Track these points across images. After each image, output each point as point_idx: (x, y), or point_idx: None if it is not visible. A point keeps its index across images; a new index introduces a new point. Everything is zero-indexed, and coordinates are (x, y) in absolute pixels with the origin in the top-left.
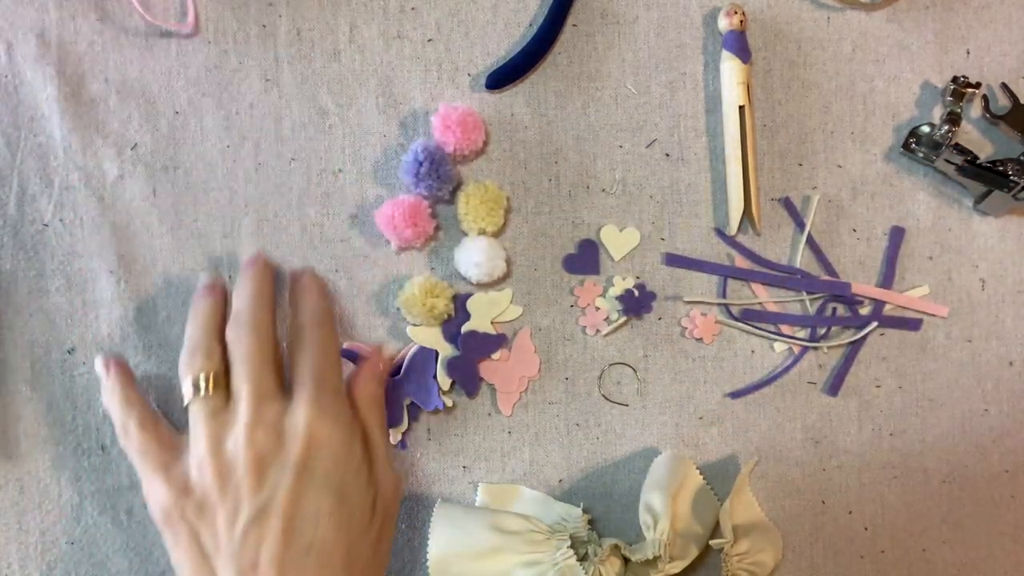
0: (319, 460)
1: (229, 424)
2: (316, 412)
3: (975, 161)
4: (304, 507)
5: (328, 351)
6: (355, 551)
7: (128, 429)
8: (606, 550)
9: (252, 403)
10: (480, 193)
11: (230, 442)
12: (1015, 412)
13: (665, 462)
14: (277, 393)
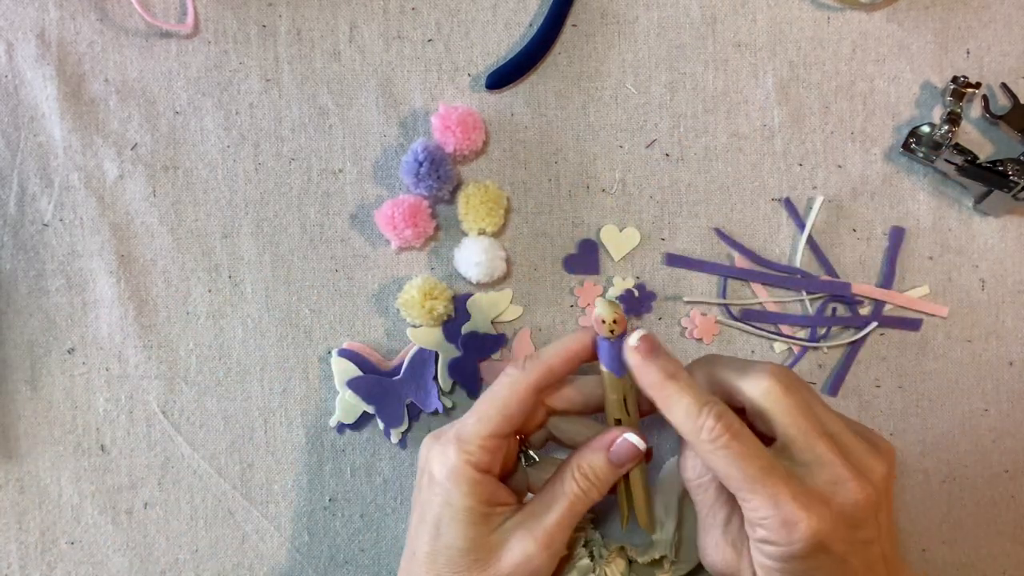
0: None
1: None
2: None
3: (975, 161)
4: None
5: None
6: None
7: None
8: (612, 551)
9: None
10: (480, 193)
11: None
12: (1015, 412)
13: (672, 466)
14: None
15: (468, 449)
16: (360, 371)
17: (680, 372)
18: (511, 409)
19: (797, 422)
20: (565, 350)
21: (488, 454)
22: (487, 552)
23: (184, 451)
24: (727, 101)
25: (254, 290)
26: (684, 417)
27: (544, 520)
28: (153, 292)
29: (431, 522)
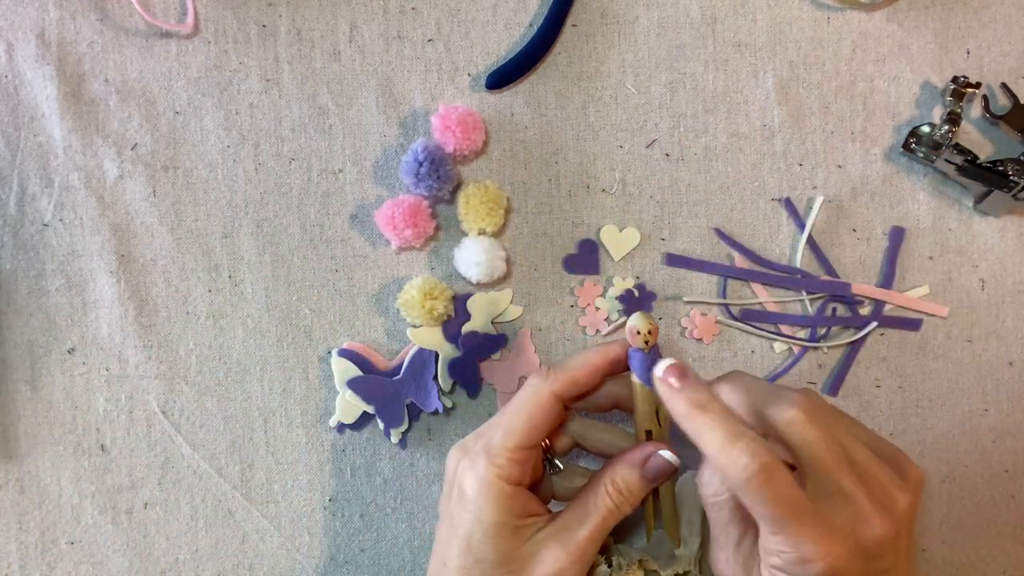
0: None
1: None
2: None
3: (975, 161)
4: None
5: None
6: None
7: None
8: (632, 563)
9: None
10: (480, 193)
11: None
12: (1015, 412)
13: (693, 480)
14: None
15: (498, 463)
16: (360, 371)
17: (712, 402)
18: (536, 420)
19: (821, 455)
20: (591, 362)
21: (518, 466)
22: (519, 564)
23: (184, 451)
24: (727, 101)
25: (254, 290)
26: (717, 450)
27: (576, 533)
28: (153, 292)
29: (462, 535)
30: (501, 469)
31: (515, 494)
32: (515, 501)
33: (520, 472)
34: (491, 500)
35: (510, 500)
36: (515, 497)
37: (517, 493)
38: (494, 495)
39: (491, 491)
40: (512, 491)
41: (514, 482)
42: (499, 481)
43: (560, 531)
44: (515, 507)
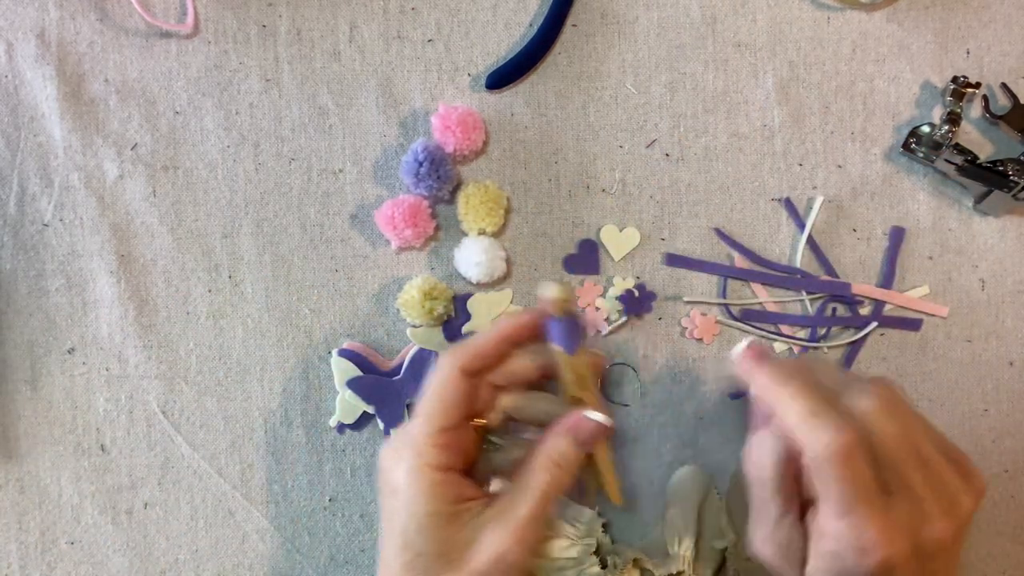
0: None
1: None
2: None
3: (975, 161)
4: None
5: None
6: None
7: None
8: (628, 562)
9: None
10: (480, 193)
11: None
12: (1015, 412)
13: (686, 477)
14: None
15: (421, 451)
16: (360, 371)
17: (795, 377)
18: (448, 400)
19: (894, 450)
20: (497, 333)
21: (443, 451)
22: (460, 552)
23: (184, 451)
24: (727, 101)
25: (254, 290)
26: (799, 421)
27: (515, 513)
28: (153, 292)
29: (399, 531)
30: (425, 457)
31: (445, 481)
32: (447, 488)
33: (447, 457)
34: (421, 490)
35: (441, 487)
36: (446, 484)
37: (447, 479)
38: (423, 485)
39: (419, 481)
40: (441, 478)
41: (442, 468)
42: (427, 469)
43: (499, 513)
44: (448, 494)
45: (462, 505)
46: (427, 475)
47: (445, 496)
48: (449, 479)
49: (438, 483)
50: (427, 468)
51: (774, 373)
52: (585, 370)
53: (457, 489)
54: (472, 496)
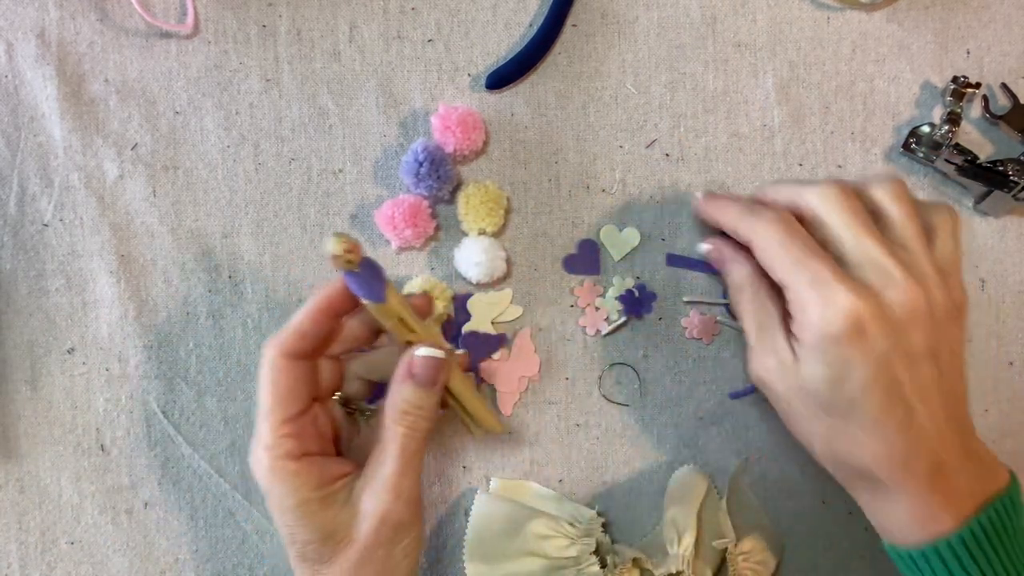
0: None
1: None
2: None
3: (975, 161)
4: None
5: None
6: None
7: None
8: (627, 562)
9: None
10: (480, 193)
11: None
12: (1015, 412)
13: (686, 477)
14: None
15: (269, 445)
16: None
17: (726, 197)
18: (281, 387)
19: (848, 221)
20: (310, 309)
21: (292, 440)
22: (345, 529)
23: (184, 451)
24: (727, 101)
25: (254, 290)
26: (736, 219)
27: (382, 474)
28: (153, 292)
29: (282, 527)
30: (275, 450)
31: (304, 467)
32: (309, 474)
33: (298, 444)
34: (284, 483)
35: (302, 475)
36: (307, 470)
37: (306, 465)
38: (284, 477)
39: (277, 475)
40: (298, 466)
41: (296, 456)
42: (280, 462)
43: (368, 480)
44: (311, 480)
45: (332, 486)
46: (281, 467)
47: (309, 483)
48: (308, 465)
49: (295, 472)
50: (281, 461)
51: (711, 202)
52: (404, 311)
53: (320, 472)
54: (340, 473)
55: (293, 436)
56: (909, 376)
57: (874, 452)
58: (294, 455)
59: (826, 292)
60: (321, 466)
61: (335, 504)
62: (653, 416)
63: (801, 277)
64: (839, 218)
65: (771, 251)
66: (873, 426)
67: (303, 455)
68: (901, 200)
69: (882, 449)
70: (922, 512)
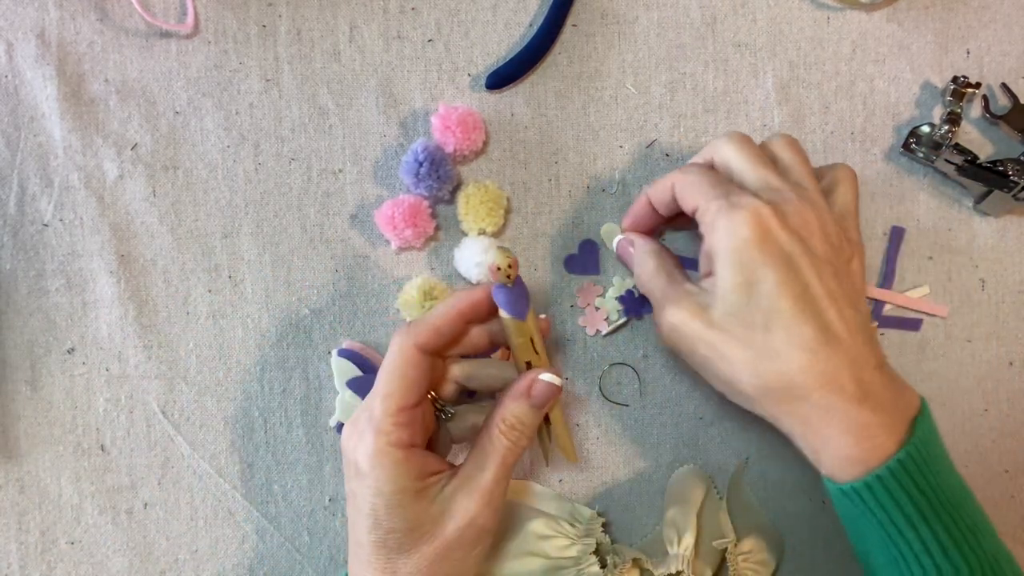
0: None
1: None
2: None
3: (975, 161)
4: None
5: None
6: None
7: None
8: (627, 562)
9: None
10: (480, 193)
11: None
12: (1015, 412)
13: (686, 477)
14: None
15: (384, 430)
16: (360, 371)
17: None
18: (408, 378)
19: (747, 156)
20: (452, 309)
21: (405, 429)
22: (431, 524)
23: (184, 451)
24: (727, 101)
25: (254, 290)
26: (655, 184)
27: (480, 479)
28: (153, 292)
29: (368, 512)
30: (388, 436)
31: (409, 457)
32: (411, 465)
33: (409, 434)
34: (386, 469)
35: (406, 465)
36: (410, 460)
37: (412, 456)
38: (388, 464)
39: (384, 460)
40: (405, 455)
41: (405, 445)
42: (390, 448)
43: (464, 482)
44: (412, 470)
45: (428, 480)
46: (391, 454)
47: (410, 473)
48: (413, 456)
49: (402, 461)
50: (390, 447)
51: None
52: (535, 334)
53: (421, 464)
54: (436, 470)
55: (405, 425)
56: (817, 279)
57: (799, 362)
58: (403, 444)
59: (733, 201)
60: (422, 459)
61: (426, 498)
62: (653, 416)
63: (711, 196)
64: (739, 154)
65: (687, 186)
66: (792, 332)
67: (410, 446)
68: (793, 147)
69: (806, 358)
70: (858, 432)
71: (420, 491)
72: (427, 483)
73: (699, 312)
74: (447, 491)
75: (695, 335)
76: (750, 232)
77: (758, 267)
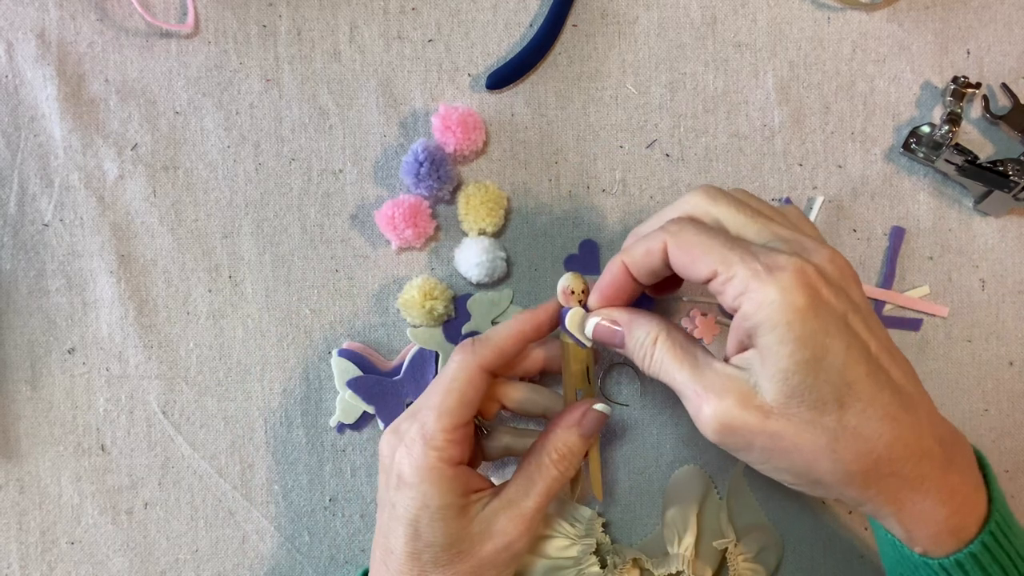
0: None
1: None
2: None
3: (975, 161)
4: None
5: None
6: None
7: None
8: (627, 562)
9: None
10: (480, 193)
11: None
12: (1015, 412)
13: (686, 477)
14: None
15: (436, 446)
16: (360, 371)
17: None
18: (468, 398)
19: (739, 209)
20: (517, 331)
21: (456, 446)
22: (469, 543)
23: (184, 451)
24: (727, 101)
25: (254, 290)
26: (633, 246)
27: (523, 505)
28: (153, 292)
29: (408, 522)
30: (441, 452)
31: (457, 474)
32: (458, 481)
33: (460, 451)
34: (434, 484)
35: (453, 481)
36: (457, 477)
37: (459, 473)
38: (436, 478)
39: (433, 475)
40: (454, 472)
41: (455, 462)
42: (440, 464)
43: (507, 505)
44: (458, 487)
45: (471, 497)
46: (439, 469)
47: (456, 490)
48: (460, 473)
49: (450, 477)
50: (441, 463)
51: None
52: (591, 363)
53: (466, 482)
54: (480, 488)
55: (458, 443)
56: (869, 334)
57: (885, 436)
58: (453, 460)
59: (768, 263)
60: (468, 476)
61: (469, 516)
62: (653, 416)
63: (733, 260)
64: (729, 209)
65: (692, 248)
66: (871, 404)
67: (458, 462)
68: (749, 193)
69: (889, 429)
70: (950, 500)
71: (463, 508)
72: (469, 500)
73: (749, 400)
74: (488, 511)
75: (751, 428)
76: (804, 298)
77: (822, 338)
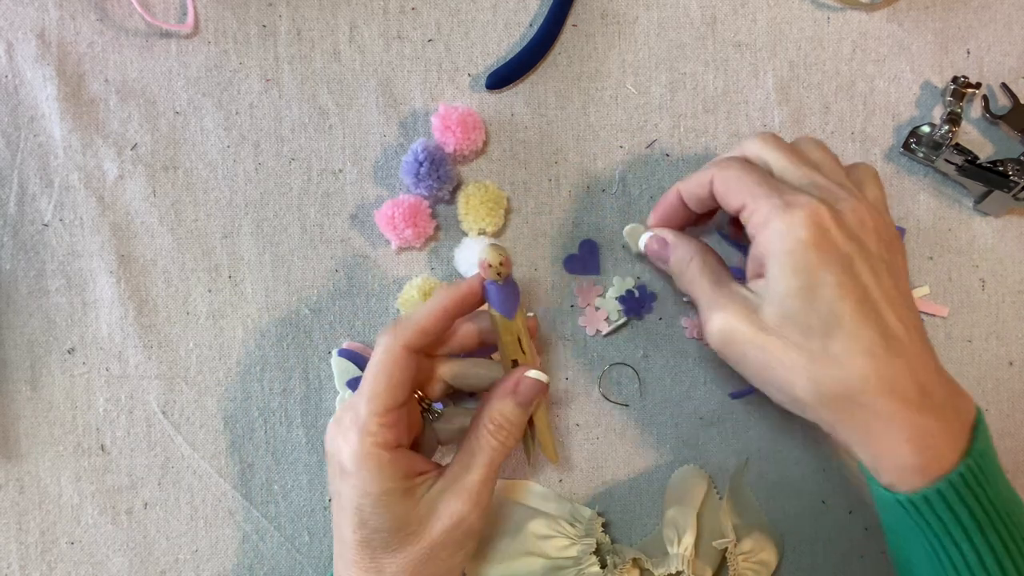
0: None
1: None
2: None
3: (975, 161)
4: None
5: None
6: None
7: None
8: (627, 562)
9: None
10: (480, 193)
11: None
12: (1015, 412)
13: (686, 476)
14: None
15: (370, 431)
16: (360, 371)
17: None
18: (395, 379)
19: (788, 155)
20: (439, 307)
21: (391, 430)
22: (418, 524)
23: (184, 451)
24: (727, 101)
25: (254, 290)
26: (689, 179)
27: (467, 480)
28: (153, 292)
29: (353, 510)
30: (375, 437)
31: (396, 458)
32: (398, 465)
33: (395, 434)
34: (372, 470)
35: (392, 466)
36: (397, 461)
37: (398, 456)
38: (374, 465)
39: (370, 461)
40: (391, 456)
41: (391, 447)
42: (376, 449)
43: (451, 482)
44: (399, 471)
45: (415, 480)
46: (376, 455)
47: (396, 474)
48: (399, 456)
49: (388, 462)
50: (376, 448)
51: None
52: (523, 332)
53: (407, 465)
54: (422, 470)
55: (391, 426)
56: (874, 281)
57: (861, 368)
58: (389, 445)
59: (788, 200)
60: (408, 459)
61: (413, 498)
62: (653, 416)
63: (760, 194)
64: (777, 152)
65: (730, 182)
66: (854, 336)
67: (396, 446)
68: (822, 147)
69: (868, 363)
70: (920, 440)
71: (406, 491)
72: (413, 483)
73: (750, 316)
74: (433, 491)
75: (746, 340)
76: (808, 233)
77: (817, 270)
